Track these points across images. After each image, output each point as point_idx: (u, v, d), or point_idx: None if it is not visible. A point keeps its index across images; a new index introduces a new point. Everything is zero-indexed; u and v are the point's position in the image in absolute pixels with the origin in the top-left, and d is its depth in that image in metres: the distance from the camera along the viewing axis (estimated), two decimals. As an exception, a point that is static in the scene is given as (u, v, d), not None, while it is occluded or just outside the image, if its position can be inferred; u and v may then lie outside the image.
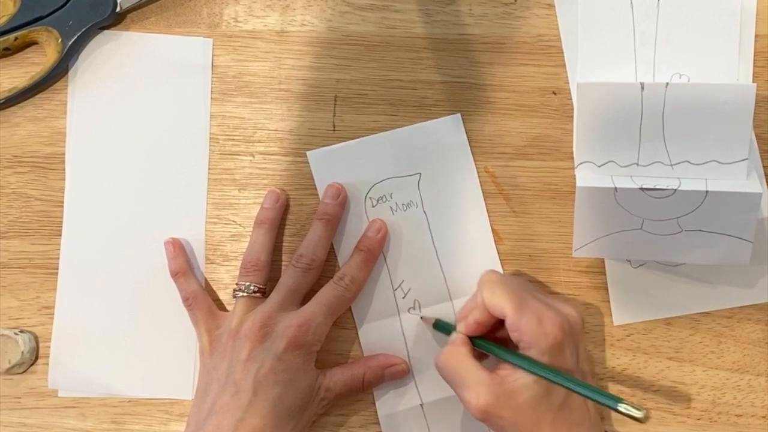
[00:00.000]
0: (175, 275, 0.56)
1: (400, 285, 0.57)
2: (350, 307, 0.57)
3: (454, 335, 0.53)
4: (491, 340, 0.52)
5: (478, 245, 0.57)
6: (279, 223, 0.57)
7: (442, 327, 0.55)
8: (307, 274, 0.54)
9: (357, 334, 0.57)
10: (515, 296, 0.50)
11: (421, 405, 0.56)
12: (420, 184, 0.57)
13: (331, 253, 0.57)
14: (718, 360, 0.57)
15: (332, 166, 0.57)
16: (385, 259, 0.57)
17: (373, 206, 0.57)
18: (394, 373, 0.56)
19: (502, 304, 0.50)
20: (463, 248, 0.57)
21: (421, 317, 0.56)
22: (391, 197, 0.57)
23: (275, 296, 0.54)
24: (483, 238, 0.57)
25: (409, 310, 0.57)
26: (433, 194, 0.57)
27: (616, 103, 0.53)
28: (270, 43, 0.58)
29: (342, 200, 0.56)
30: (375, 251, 0.56)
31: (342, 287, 0.54)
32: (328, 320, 0.54)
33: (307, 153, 0.57)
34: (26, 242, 0.58)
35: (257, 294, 0.54)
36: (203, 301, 0.56)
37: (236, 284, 0.55)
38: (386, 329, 0.57)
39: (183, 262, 0.57)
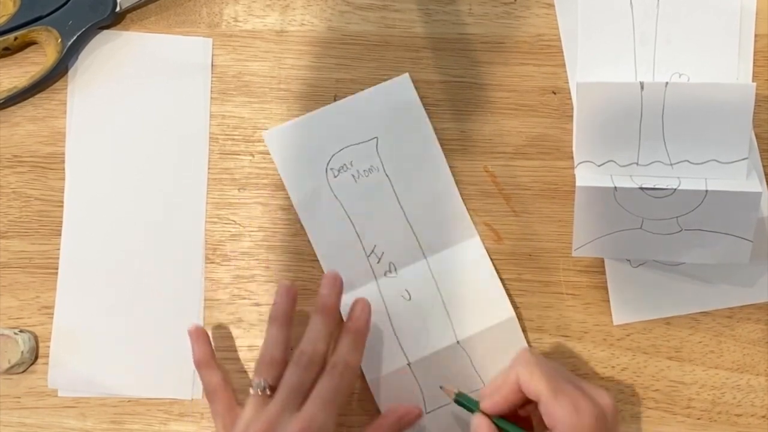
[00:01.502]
0: (197, 365, 0.55)
1: (373, 250, 0.57)
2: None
3: (477, 419, 0.52)
4: (512, 417, 0.52)
5: (443, 198, 0.57)
6: (293, 315, 0.55)
7: (464, 403, 0.54)
8: (309, 370, 0.53)
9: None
10: (552, 380, 0.49)
11: (409, 364, 0.57)
12: (378, 148, 0.57)
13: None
14: (718, 359, 0.57)
15: (289, 143, 0.57)
16: (354, 226, 0.57)
17: (335, 176, 0.57)
18: (409, 421, 0.55)
19: (539, 386, 0.49)
20: (429, 204, 0.57)
21: (441, 387, 0.56)
22: (352, 165, 0.57)
23: (278, 398, 0.52)
24: (447, 191, 0.57)
25: (385, 274, 0.57)
26: (392, 156, 0.57)
27: (615, 103, 0.53)
28: (270, 42, 0.58)
29: (339, 288, 0.55)
30: (363, 330, 0.54)
31: (337, 376, 0.52)
32: (330, 416, 0.51)
33: (263, 133, 0.57)
34: (26, 242, 0.58)
35: (268, 392, 0.52)
36: (224, 395, 0.55)
37: (251, 380, 0.54)
38: (365, 296, 0.56)
39: (206, 352, 0.55)
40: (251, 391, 0.53)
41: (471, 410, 0.53)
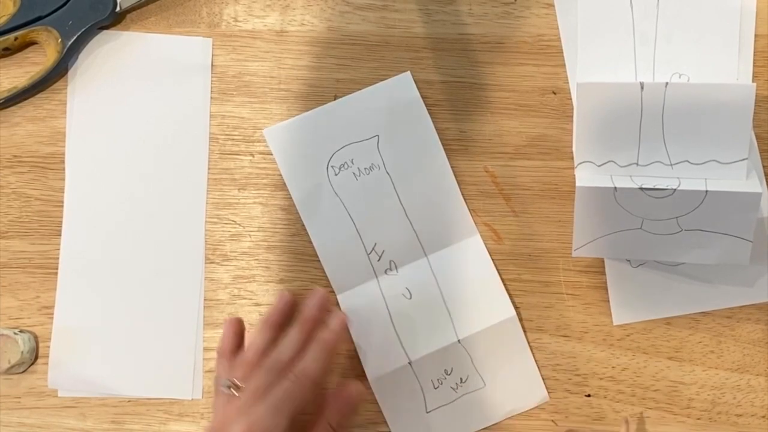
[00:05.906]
0: (217, 352, 0.55)
1: (373, 248, 0.57)
2: (329, 280, 0.57)
3: None
4: None
5: (444, 196, 0.57)
6: (279, 322, 0.54)
7: None
8: (270, 374, 0.51)
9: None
10: None
11: (410, 363, 0.57)
12: (379, 146, 0.57)
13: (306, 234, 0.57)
14: (718, 360, 0.57)
15: (290, 140, 0.57)
16: (354, 224, 0.57)
17: (336, 174, 0.57)
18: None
19: None
20: (430, 202, 0.57)
21: None
22: (353, 163, 0.57)
23: (239, 399, 0.51)
24: (448, 188, 0.57)
25: (386, 272, 0.57)
26: (393, 154, 0.57)
27: (615, 103, 0.53)
28: (270, 42, 0.58)
29: (322, 303, 0.54)
30: (330, 342, 0.53)
31: (291, 382, 0.51)
32: (277, 421, 0.50)
33: (264, 130, 0.57)
34: (26, 242, 0.58)
35: (233, 391, 0.52)
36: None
37: (218, 378, 0.53)
38: (365, 294, 0.57)
39: (229, 346, 0.55)
40: (220, 389, 0.52)
41: None
